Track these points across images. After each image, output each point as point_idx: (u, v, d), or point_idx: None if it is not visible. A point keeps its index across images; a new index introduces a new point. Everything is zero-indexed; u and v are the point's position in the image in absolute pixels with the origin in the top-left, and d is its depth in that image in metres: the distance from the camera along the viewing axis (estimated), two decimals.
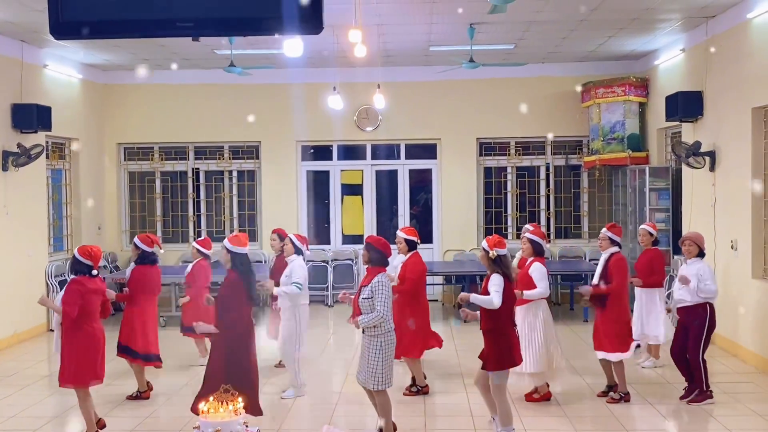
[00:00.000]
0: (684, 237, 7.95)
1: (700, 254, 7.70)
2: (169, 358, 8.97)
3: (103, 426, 6.73)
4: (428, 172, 14.29)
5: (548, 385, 7.77)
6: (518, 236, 13.93)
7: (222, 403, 4.17)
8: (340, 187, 14.39)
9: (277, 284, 7.89)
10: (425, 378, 8.17)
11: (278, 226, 12.13)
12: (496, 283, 6.27)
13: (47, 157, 11.87)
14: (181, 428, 6.94)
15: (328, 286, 13.53)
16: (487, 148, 14.12)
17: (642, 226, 9.04)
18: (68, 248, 12.81)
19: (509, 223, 14.21)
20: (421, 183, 14.43)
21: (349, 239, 14.26)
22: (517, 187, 14.17)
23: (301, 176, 14.27)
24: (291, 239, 8.14)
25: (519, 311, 7.34)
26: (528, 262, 7.59)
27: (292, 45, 8.45)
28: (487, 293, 6.32)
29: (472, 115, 13.76)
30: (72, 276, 6.67)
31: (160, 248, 8.50)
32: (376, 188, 14.36)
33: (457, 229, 13.81)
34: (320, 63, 12.81)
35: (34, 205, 11.36)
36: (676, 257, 11.40)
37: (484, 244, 6.44)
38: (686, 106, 10.45)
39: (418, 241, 8.25)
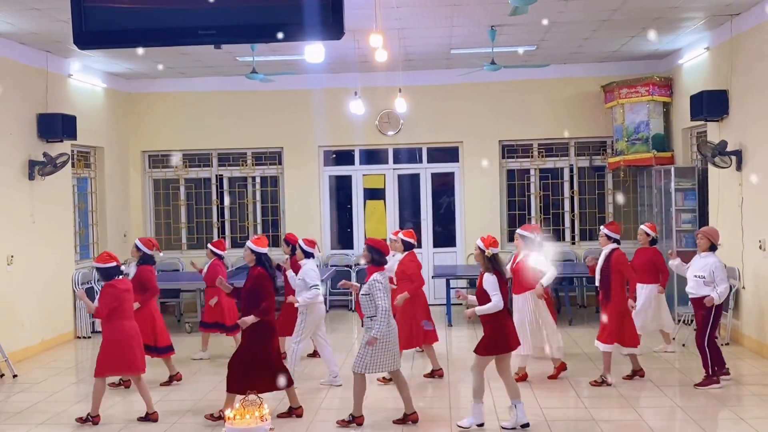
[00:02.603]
0: (698, 231, 8.39)
1: (712, 248, 8.06)
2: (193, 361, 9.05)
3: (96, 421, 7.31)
4: (450, 175, 14.25)
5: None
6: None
7: (248, 410, 4.19)
8: (362, 191, 14.40)
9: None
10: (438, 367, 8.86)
11: (300, 232, 12.19)
12: (491, 283, 6.78)
13: (73, 165, 12.00)
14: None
15: (351, 291, 13.51)
16: (509, 150, 14.06)
17: (641, 227, 9.60)
18: (95, 256, 12.92)
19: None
20: (444, 186, 14.39)
21: None
22: (540, 189, 14.09)
23: (324, 181, 14.29)
24: (300, 244, 8.57)
25: (516, 299, 8.39)
26: (522, 257, 8.43)
27: (314, 51, 8.46)
28: (482, 291, 6.84)
29: (494, 118, 13.71)
30: (104, 282, 7.30)
31: (160, 252, 9.14)
32: (398, 192, 14.35)
33: (481, 232, 13.37)
34: (341, 68, 12.83)
35: (61, 213, 11.48)
36: None
37: (480, 243, 6.97)
38: (711, 105, 10.33)
39: (416, 243, 9.04)
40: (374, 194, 14.43)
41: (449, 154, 14.21)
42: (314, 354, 9.73)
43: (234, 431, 4.07)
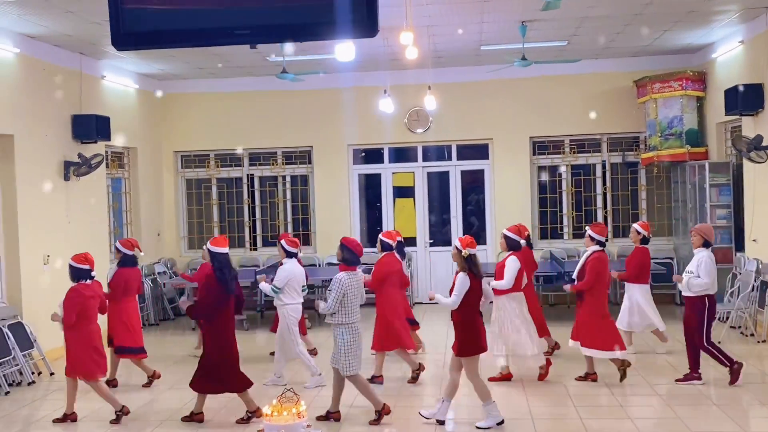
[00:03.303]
0: (692, 228, 8.41)
1: (705, 245, 7.98)
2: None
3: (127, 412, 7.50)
4: (480, 172, 14.20)
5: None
6: (575, 236, 13.81)
7: (285, 406, 4.21)
8: (391, 189, 14.39)
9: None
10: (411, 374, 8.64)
11: (330, 230, 12.27)
12: (459, 283, 6.83)
13: (107, 166, 12.15)
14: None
15: None
16: (540, 146, 13.97)
17: (633, 225, 9.51)
18: None
19: (565, 222, 14.02)
20: (474, 184, 14.33)
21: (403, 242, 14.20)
22: (572, 185, 13.98)
23: (353, 179, 14.32)
24: (281, 244, 8.66)
25: (495, 300, 8.11)
26: (505, 257, 8.36)
27: (344, 49, 8.46)
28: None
29: (524, 114, 13.63)
30: (73, 283, 7.37)
31: (140, 251, 9.13)
32: (427, 190, 14.32)
33: None
34: (371, 66, 12.84)
35: (96, 213, 11.64)
36: (738, 254, 11.12)
37: (457, 243, 6.97)
38: (746, 99, 10.19)
39: (393, 243, 8.94)
40: (403, 192, 14.42)
41: (479, 151, 14.15)
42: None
43: (272, 428, 4.09)
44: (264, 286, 8.63)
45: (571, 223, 13.97)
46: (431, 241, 14.30)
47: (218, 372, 7.15)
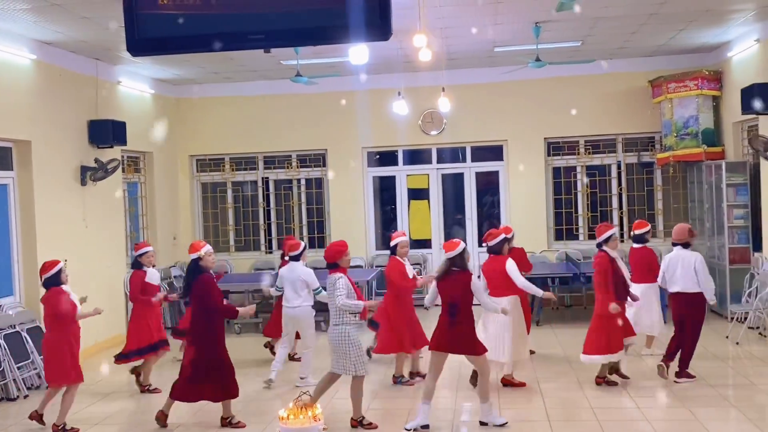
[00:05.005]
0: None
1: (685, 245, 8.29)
2: (245, 365, 9.17)
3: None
4: (495, 174, 14.17)
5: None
6: (590, 237, 13.74)
7: (302, 409, 4.22)
8: (406, 191, 14.39)
9: None
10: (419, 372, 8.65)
11: (345, 233, 12.29)
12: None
13: (123, 170, 12.23)
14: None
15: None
16: (555, 147, 13.92)
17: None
18: None
19: (580, 223, 13.96)
20: (488, 185, 14.31)
21: (417, 244, 14.23)
22: (587, 186, 13.92)
23: (368, 182, 14.33)
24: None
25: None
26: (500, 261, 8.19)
27: (358, 52, 8.48)
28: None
29: (539, 115, 13.59)
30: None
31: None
32: (442, 192, 14.31)
33: (527, 231, 13.53)
34: (385, 69, 12.85)
35: (112, 217, 11.71)
36: (756, 254, 11.03)
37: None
38: (763, 98, 10.09)
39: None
40: (418, 194, 14.41)
41: (493, 152, 14.12)
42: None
43: (288, 431, 4.10)
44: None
45: (587, 224, 13.91)
46: None
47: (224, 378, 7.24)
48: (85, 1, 8.25)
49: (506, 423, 6.94)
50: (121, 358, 8.87)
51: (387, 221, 14.60)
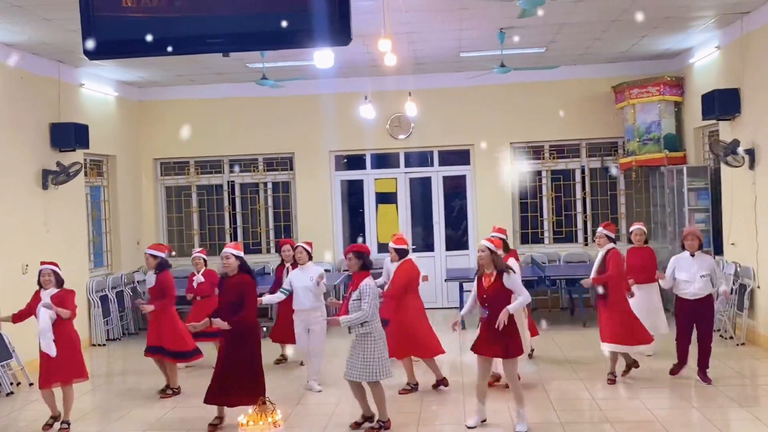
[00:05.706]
0: (687, 231, 8.51)
1: (701, 246, 8.31)
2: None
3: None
4: (462, 178, 14.23)
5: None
6: (555, 241, 13.87)
7: (261, 415, 4.19)
8: (374, 195, 14.39)
9: None
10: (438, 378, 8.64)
11: (312, 236, 12.26)
12: (518, 282, 7.09)
13: (86, 174, 12.06)
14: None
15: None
16: (521, 152, 14.03)
17: (638, 226, 9.60)
18: (108, 264, 13.00)
19: (545, 227, 14.08)
20: (456, 189, 14.36)
21: (385, 248, 14.18)
22: (552, 190, 14.04)
23: (335, 186, 14.31)
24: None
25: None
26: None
27: (323, 56, 8.47)
28: None
29: (504, 120, 13.68)
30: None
31: (172, 253, 9.44)
32: (410, 196, 14.34)
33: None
34: (351, 73, 12.85)
35: (74, 222, 11.54)
36: (717, 258, 11.20)
37: (489, 244, 7.01)
38: (723, 104, 10.27)
39: (408, 248, 8.85)
40: (386, 198, 14.41)
41: (460, 156, 14.19)
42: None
43: None
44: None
45: (551, 227, 14.04)
46: (414, 246, 14.28)
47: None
48: (46, 3, 8.14)
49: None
50: (183, 357, 8.82)
51: (355, 225, 14.57)
